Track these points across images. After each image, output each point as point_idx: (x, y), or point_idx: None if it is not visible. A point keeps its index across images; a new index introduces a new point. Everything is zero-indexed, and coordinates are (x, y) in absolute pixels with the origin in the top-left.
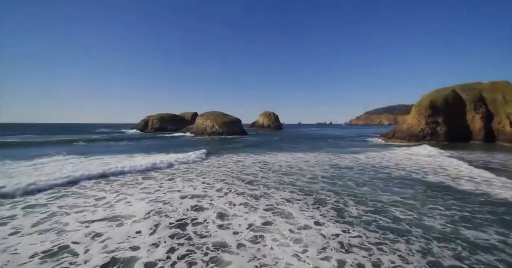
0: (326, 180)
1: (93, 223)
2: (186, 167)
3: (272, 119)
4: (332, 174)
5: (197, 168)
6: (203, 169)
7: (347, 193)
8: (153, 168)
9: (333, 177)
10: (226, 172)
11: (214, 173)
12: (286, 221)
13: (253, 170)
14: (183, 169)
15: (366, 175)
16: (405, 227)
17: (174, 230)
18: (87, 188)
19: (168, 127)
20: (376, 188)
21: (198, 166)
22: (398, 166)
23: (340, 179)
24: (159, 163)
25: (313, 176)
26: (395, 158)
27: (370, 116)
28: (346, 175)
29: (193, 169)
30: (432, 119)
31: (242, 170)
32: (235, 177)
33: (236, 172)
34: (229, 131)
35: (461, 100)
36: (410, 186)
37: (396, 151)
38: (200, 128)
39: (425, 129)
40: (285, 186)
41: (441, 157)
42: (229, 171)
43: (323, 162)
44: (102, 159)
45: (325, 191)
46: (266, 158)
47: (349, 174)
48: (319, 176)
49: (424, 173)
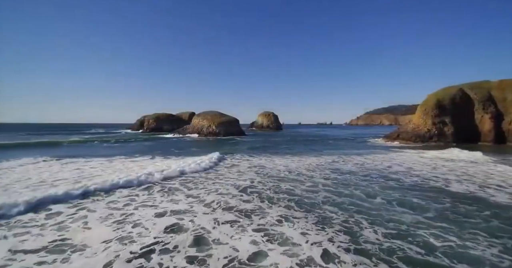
0: (329, 189)
1: (26, 255)
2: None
3: (271, 119)
4: (335, 182)
5: (180, 176)
6: (187, 177)
7: (357, 208)
8: (128, 183)
9: (336, 185)
10: (216, 180)
11: (202, 180)
12: (284, 251)
13: (248, 176)
14: (163, 183)
15: (375, 182)
16: (445, 261)
17: (133, 264)
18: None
19: (164, 127)
20: (391, 200)
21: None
22: (411, 171)
23: (345, 188)
24: (137, 178)
25: (313, 184)
26: (406, 162)
27: (370, 116)
28: (351, 183)
29: (175, 178)
30: (439, 119)
31: (237, 177)
32: (227, 185)
33: (229, 180)
34: (226, 131)
35: (469, 99)
36: (433, 198)
37: (405, 153)
38: (196, 128)
39: (432, 129)
40: (282, 197)
41: (488, 164)
42: (220, 178)
43: (324, 167)
44: (76, 162)
45: (329, 206)
46: (262, 162)
47: (354, 181)
48: (320, 183)
49: (444, 181)
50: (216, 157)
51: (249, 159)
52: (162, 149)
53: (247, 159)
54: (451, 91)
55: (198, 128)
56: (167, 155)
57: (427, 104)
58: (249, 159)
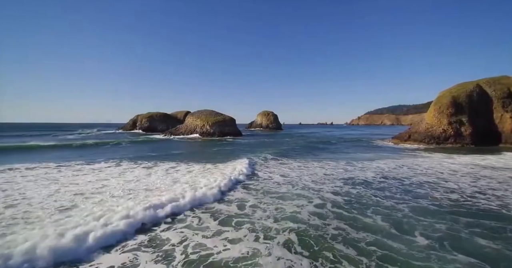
0: (340, 212)
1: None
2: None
3: (271, 118)
4: (347, 199)
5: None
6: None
7: (384, 251)
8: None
9: (350, 206)
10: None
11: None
12: None
13: (237, 195)
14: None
15: (400, 200)
16: None
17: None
18: None
19: (159, 127)
20: (437, 238)
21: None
22: (443, 184)
23: (363, 210)
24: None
25: (321, 201)
26: (431, 169)
27: (371, 116)
28: (369, 201)
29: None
30: (455, 118)
31: (223, 192)
32: (206, 211)
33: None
34: (221, 131)
35: (487, 96)
36: (499, 232)
37: (424, 158)
38: (189, 128)
39: (448, 130)
40: (282, 226)
41: None
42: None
43: (332, 175)
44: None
45: (342, 245)
46: (256, 169)
47: (373, 198)
48: (329, 201)
49: (498, 199)
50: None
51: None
52: (135, 153)
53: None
54: (468, 87)
55: (191, 128)
56: (131, 163)
57: (441, 101)
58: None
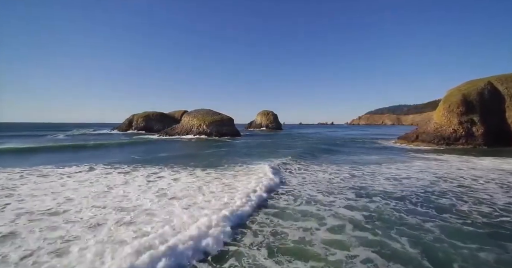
0: (362, 235)
1: None
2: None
3: (271, 118)
4: (366, 214)
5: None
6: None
7: None
8: None
9: (372, 226)
10: (165, 216)
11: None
12: None
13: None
14: None
15: (426, 216)
16: None
17: None
18: None
19: (155, 127)
20: None
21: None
22: (471, 194)
23: (387, 231)
24: None
25: (336, 221)
26: (450, 175)
27: (372, 116)
28: (392, 218)
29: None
30: (466, 117)
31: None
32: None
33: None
34: (218, 131)
35: (499, 94)
36: None
37: (439, 161)
38: (185, 128)
39: (458, 130)
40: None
41: None
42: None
43: (342, 184)
44: None
45: None
46: (244, 179)
47: (395, 214)
48: (347, 220)
49: None
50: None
51: (236, 172)
52: (114, 156)
53: (234, 173)
54: (478, 85)
55: (187, 128)
56: (107, 166)
57: (450, 100)
58: (236, 172)
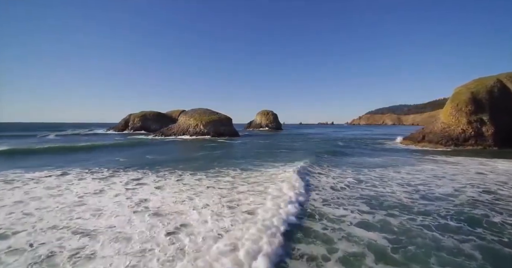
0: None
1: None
2: None
3: (270, 118)
4: (390, 237)
5: None
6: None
7: None
8: None
9: (403, 253)
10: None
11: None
12: None
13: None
14: None
15: (463, 234)
16: None
17: None
18: None
19: (152, 127)
20: None
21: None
22: (504, 204)
23: (423, 260)
24: None
25: (356, 251)
26: (472, 180)
27: (373, 116)
28: (425, 240)
29: None
30: (475, 117)
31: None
32: None
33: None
34: (216, 131)
35: (509, 92)
36: None
37: (452, 164)
38: (181, 128)
39: (467, 130)
40: None
41: None
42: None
43: (351, 193)
44: None
45: None
46: (244, 189)
47: (426, 232)
48: (364, 244)
49: None
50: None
51: (221, 180)
52: (96, 158)
53: (219, 181)
54: (487, 83)
55: (184, 128)
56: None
57: (459, 98)
58: (221, 180)
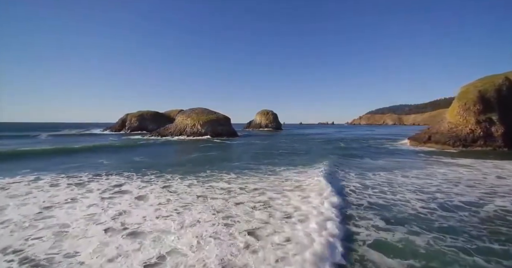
0: None
1: None
2: None
3: (270, 118)
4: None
5: None
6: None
7: None
8: None
9: None
10: None
11: None
12: None
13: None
14: None
15: (507, 258)
16: None
17: None
18: None
19: (149, 127)
20: None
21: None
22: None
23: None
24: None
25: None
26: (495, 187)
27: (373, 116)
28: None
29: None
30: (483, 116)
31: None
32: None
33: None
34: (214, 131)
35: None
36: None
37: (464, 167)
38: (178, 128)
39: (476, 130)
40: None
41: None
42: None
43: (355, 200)
44: None
45: None
46: (243, 199)
47: (460, 260)
48: None
49: None
50: None
51: (205, 188)
52: (78, 161)
53: (210, 188)
54: (495, 81)
55: (181, 128)
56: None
57: (466, 97)
58: (206, 189)
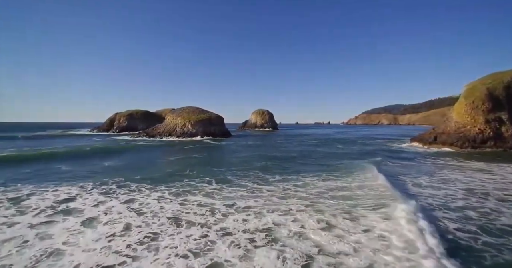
0: None
1: None
2: None
3: (266, 117)
4: None
5: None
6: None
7: None
8: None
9: None
10: None
11: None
12: None
13: None
14: None
15: None
16: None
17: None
18: None
19: (139, 127)
20: None
21: None
22: None
23: None
24: None
25: None
26: None
27: (369, 116)
28: None
29: None
30: (493, 115)
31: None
32: None
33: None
34: (205, 131)
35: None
36: None
37: (484, 172)
38: (168, 128)
39: (485, 130)
40: None
41: None
42: None
43: (367, 221)
44: None
45: None
46: (231, 225)
47: None
48: None
49: None
50: None
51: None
52: (35, 166)
53: (187, 203)
54: (504, 78)
55: (170, 128)
56: None
57: (474, 95)
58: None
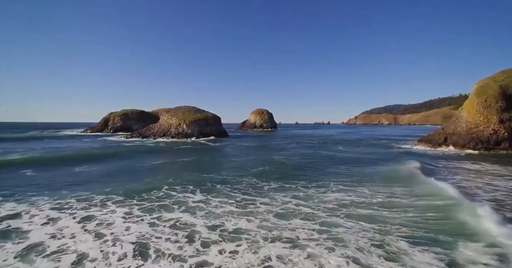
0: None
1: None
2: None
3: (265, 117)
4: None
5: None
6: None
7: None
8: None
9: None
10: None
11: None
12: None
13: None
14: None
15: None
16: None
17: None
18: None
19: (134, 127)
20: None
21: None
22: None
23: None
24: None
25: None
26: None
27: (369, 116)
28: None
29: None
30: (507, 114)
31: None
32: None
33: None
34: (201, 132)
35: None
36: None
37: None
38: (162, 128)
39: (500, 130)
40: None
41: None
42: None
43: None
44: None
45: None
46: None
47: None
48: None
49: None
50: None
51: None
52: None
53: (159, 225)
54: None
55: (165, 128)
56: None
57: (486, 92)
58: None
